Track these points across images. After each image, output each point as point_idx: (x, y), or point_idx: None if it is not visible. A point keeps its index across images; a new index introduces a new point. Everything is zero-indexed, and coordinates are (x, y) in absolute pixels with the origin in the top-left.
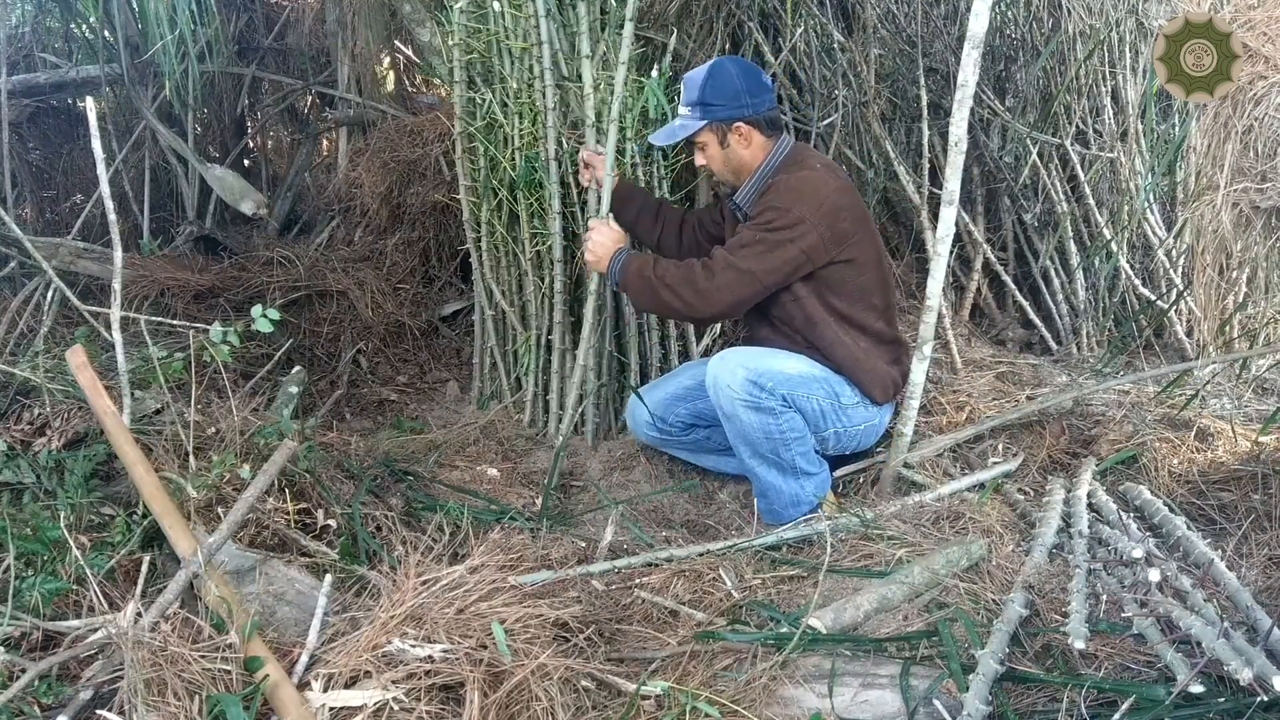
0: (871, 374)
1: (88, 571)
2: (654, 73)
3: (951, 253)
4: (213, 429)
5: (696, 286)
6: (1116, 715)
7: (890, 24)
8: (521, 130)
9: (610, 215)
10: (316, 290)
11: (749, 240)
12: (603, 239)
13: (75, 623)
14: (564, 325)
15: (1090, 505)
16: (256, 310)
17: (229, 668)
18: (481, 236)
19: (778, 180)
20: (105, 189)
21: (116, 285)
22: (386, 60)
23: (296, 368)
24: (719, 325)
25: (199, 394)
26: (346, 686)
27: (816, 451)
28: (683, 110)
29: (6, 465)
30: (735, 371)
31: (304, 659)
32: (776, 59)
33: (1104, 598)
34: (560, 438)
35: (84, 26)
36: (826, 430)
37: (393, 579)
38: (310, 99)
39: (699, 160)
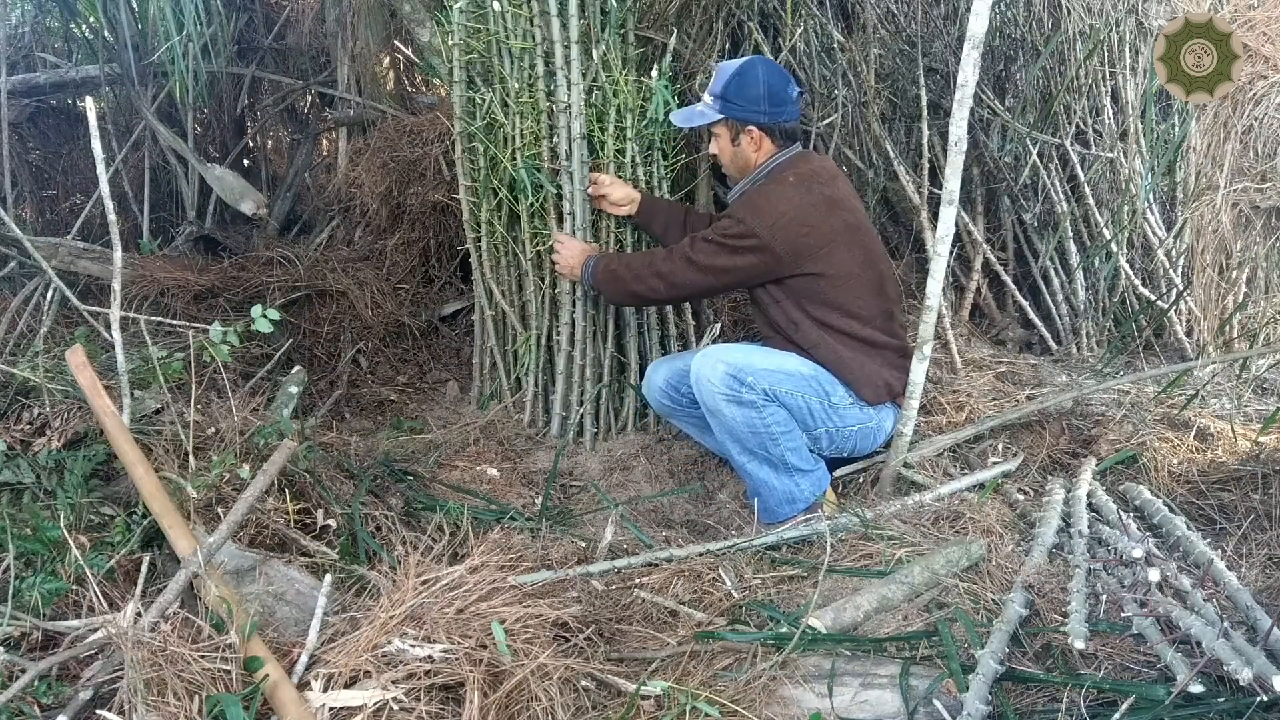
0: (858, 374)
1: (87, 571)
2: (654, 72)
3: (951, 253)
4: (213, 429)
5: (658, 270)
6: (1116, 715)
7: (890, 24)
8: (522, 130)
9: (583, 230)
10: (316, 290)
11: (709, 238)
12: (572, 251)
13: (75, 623)
14: (566, 325)
15: (1090, 505)
16: (256, 310)
17: (229, 668)
18: (481, 236)
19: (749, 190)
20: (105, 189)
21: (116, 285)
22: (386, 60)
23: (296, 368)
24: (719, 325)
25: (199, 394)
26: (346, 686)
27: (811, 450)
28: (706, 98)
29: (6, 465)
30: (715, 366)
31: (304, 659)
32: (776, 59)
33: (1104, 598)
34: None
35: (84, 26)
36: (817, 429)
37: (393, 579)
38: (310, 99)
39: (711, 147)
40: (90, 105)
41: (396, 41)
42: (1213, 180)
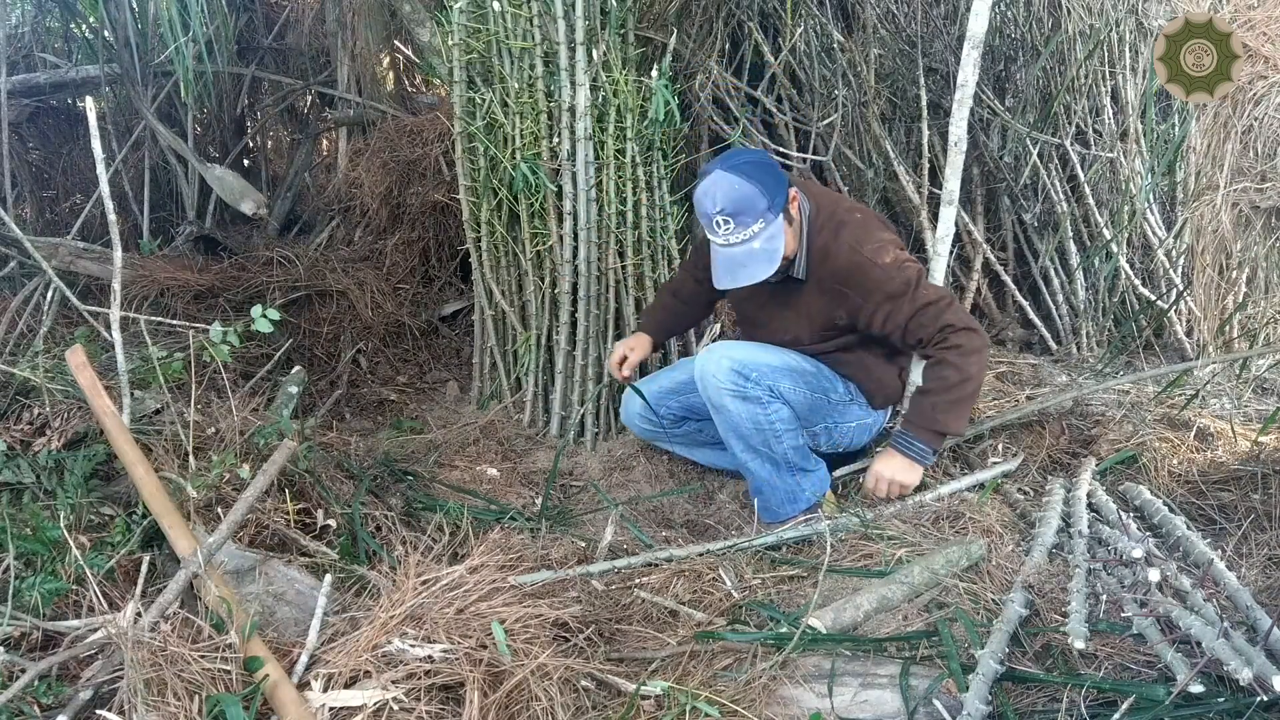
0: (878, 384)
1: (87, 571)
2: (654, 72)
3: (951, 253)
4: (213, 429)
5: (966, 355)
6: (1116, 715)
7: (890, 24)
8: (522, 130)
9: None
10: (316, 290)
11: (917, 302)
12: (899, 474)
13: (75, 623)
14: (566, 325)
15: (1090, 505)
16: (256, 310)
17: (229, 668)
18: (481, 236)
19: (860, 254)
20: (105, 189)
21: (116, 285)
22: (386, 60)
23: (296, 368)
24: (718, 325)
25: (199, 394)
26: (346, 686)
27: (811, 449)
28: (755, 228)
29: (6, 465)
30: (720, 362)
31: (304, 659)
32: (776, 59)
33: (1104, 598)
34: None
35: (84, 26)
36: (817, 425)
37: (393, 579)
38: (310, 99)
39: (769, 270)
40: (90, 105)
41: (396, 41)
42: (1213, 180)
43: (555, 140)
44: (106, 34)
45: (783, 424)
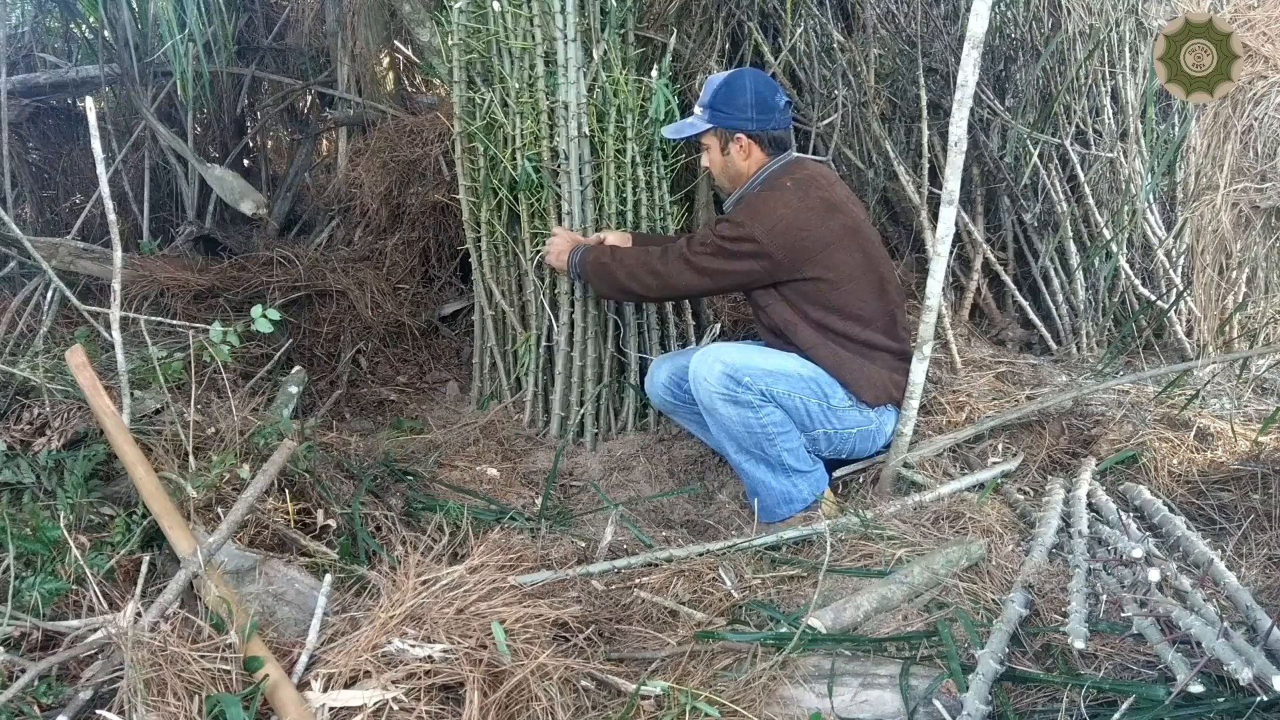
0: (858, 376)
1: (87, 571)
2: (654, 72)
3: (951, 253)
4: (212, 429)
5: (653, 269)
6: (1116, 715)
7: (890, 24)
8: (522, 130)
9: (583, 230)
10: (316, 290)
11: (706, 240)
12: (560, 241)
13: (75, 623)
14: (566, 325)
15: (1090, 505)
16: (256, 310)
17: (229, 668)
18: (481, 236)
19: (746, 195)
20: (105, 189)
21: (116, 285)
22: (386, 60)
23: (296, 368)
24: (719, 325)
25: (199, 394)
26: (346, 686)
27: (810, 451)
28: (696, 109)
29: (6, 465)
30: (712, 366)
31: (304, 659)
32: (776, 59)
33: (1104, 598)
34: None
35: (84, 26)
36: (815, 430)
37: (393, 579)
38: (310, 99)
39: (704, 161)
40: (90, 105)
41: (396, 41)
42: (1213, 180)
43: (555, 140)
44: (106, 34)
45: (775, 427)
